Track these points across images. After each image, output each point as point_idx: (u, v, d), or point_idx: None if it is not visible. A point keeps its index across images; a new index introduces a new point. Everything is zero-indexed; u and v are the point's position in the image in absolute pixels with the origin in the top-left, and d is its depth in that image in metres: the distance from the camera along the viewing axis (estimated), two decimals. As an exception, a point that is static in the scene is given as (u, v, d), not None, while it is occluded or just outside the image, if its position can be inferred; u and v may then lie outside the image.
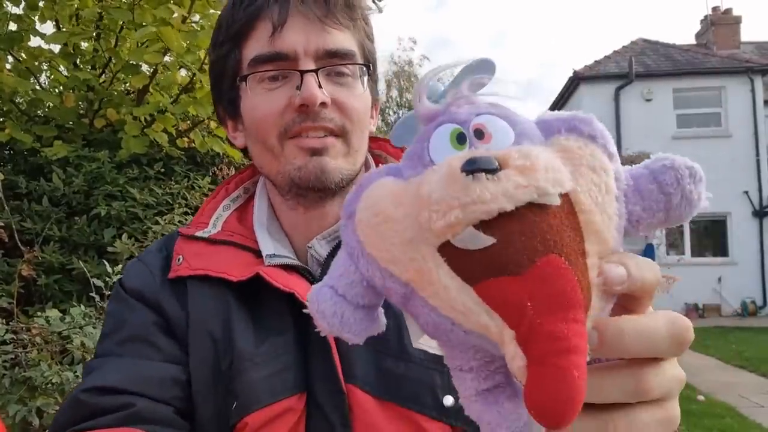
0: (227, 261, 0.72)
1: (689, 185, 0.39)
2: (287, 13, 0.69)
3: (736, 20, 16.55)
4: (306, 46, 0.69)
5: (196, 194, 3.23)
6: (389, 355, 0.66)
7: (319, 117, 0.68)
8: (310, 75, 0.68)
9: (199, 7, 2.80)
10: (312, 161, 0.69)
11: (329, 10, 0.70)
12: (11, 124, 3.00)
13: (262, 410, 0.65)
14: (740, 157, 13.72)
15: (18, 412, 2.12)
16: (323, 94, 0.68)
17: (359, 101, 0.72)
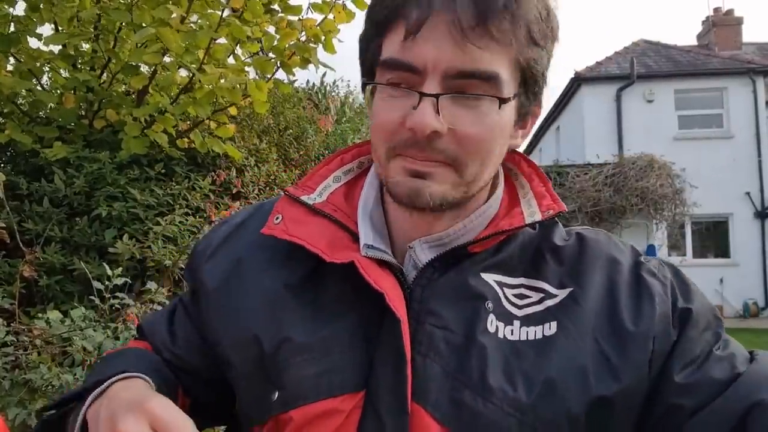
0: (324, 236, 0.68)
1: None
2: (424, 18, 0.59)
3: (737, 21, 16.55)
4: (436, 62, 0.59)
5: (196, 195, 3.23)
6: (468, 387, 0.61)
7: (429, 146, 0.61)
8: (428, 99, 0.59)
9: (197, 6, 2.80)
10: (409, 182, 0.63)
11: (478, 19, 0.58)
12: (11, 125, 3.00)
13: (306, 406, 0.62)
14: (742, 158, 13.70)
15: (18, 414, 2.12)
16: (438, 122, 0.59)
17: (486, 129, 0.62)
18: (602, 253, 0.69)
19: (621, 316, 0.64)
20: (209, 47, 2.86)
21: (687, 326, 0.64)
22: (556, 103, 16.64)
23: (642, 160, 7.98)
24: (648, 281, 0.67)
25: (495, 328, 0.63)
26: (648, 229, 7.92)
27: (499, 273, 0.67)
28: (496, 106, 0.61)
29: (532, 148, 20.81)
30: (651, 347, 0.62)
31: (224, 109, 3.26)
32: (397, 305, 0.61)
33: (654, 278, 0.67)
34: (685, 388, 0.62)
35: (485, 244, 0.67)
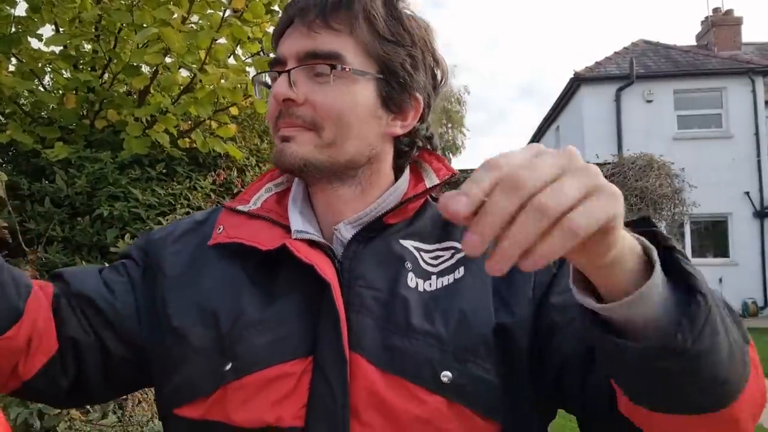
0: (260, 233, 0.80)
1: None
2: (287, 23, 0.80)
3: (736, 21, 16.56)
4: (290, 50, 0.78)
5: (198, 195, 3.23)
6: (395, 332, 0.71)
7: (289, 114, 0.77)
8: (283, 75, 0.77)
9: (198, 7, 2.81)
10: (279, 146, 0.79)
11: (319, 15, 0.76)
12: (13, 125, 3.00)
13: (258, 373, 0.70)
14: (741, 158, 13.72)
15: (20, 414, 2.12)
16: (290, 91, 0.76)
17: (337, 100, 0.76)
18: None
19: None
20: (210, 47, 2.86)
21: (564, 261, 0.72)
22: (555, 103, 16.65)
23: (641, 160, 7.97)
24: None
25: (415, 284, 0.75)
26: (647, 229, 7.92)
27: (417, 240, 0.80)
28: (346, 81, 0.76)
29: (532, 148, 20.81)
30: (533, 278, 0.74)
31: (225, 109, 3.27)
32: (326, 272, 0.72)
33: None
34: (558, 308, 0.72)
35: (398, 214, 0.80)
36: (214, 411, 0.71)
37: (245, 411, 0.70)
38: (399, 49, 0.79)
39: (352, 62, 0.77)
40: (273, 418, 0.69)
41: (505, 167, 0.42)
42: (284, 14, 0.81)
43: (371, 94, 0.79)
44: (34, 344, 0.73)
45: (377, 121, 0.80)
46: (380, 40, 0.78)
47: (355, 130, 0.78)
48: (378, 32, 0.78)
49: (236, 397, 0.70)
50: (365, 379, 0.69)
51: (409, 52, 0.80)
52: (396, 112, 0.82)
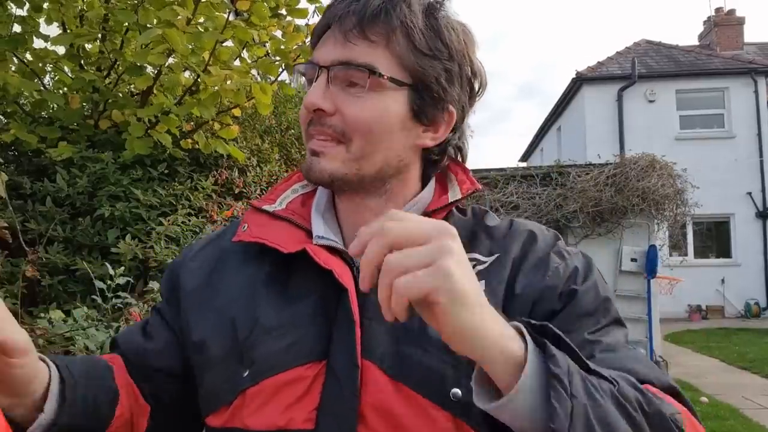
0: (283, 235, 0.81)
1: None
2: (323, 29, 0.80)
3: (739, 21, 16.53)
4: (326, 58, 0.77)
5: (199, 195, 3.23)
6: (410, 341, 0.72)
7: (320, 123, 0.78)
8: (316, 85, 0.77)
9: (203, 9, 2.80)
10: (308, 160, 0.80)
11: (357, 25, 0.75)
12: (16, 125, 3.00)
13: (274, 377, 0.72)
14: (743, 158, 13.70)
15: (21, 413, 2.12)
16: (322, 101, 0.76)
17: (368, 112, 0.76)
18: (525, 230, 0.83)
19: (516, 280, 0.76)
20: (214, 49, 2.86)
21: (569, 304, 0.75)
22: (557, 103, 16.63)
23: (643, 160, 7.94)
24: (552, 258, 0.79)
25: None
26: (649, 230, 7.90)
27: None
28: (378, 94, 0.76)
29: (534, 149, 20.80)
30: (530, 309, 0.74)
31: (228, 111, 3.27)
32: (343, 278, 0.74)
33: (560, 258, 0.79)
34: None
35: None
36: (234, 418, 0.74)
37: (260, 416, 0.72)
38: (435, 62, 0.78)
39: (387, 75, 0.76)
40: (284, 420, 0.70)
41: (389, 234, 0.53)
42: (322, 18, 0.81)
43: (402, 107, 0.78)
44: (135, 414, 0.81)
45: (407, 133, 0.80)
46: (416, 53, 0.77)
47: (384, 143, 0.78)
48: (414, 45, 0.77)
49: (253, 403, 0.72)
50: (375, 386, 0.70)
51: (445, 66, 0.79)
52: (427, 125, 0.81)
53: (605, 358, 0.70)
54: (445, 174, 0.89)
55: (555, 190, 7.93)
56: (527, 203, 7.91)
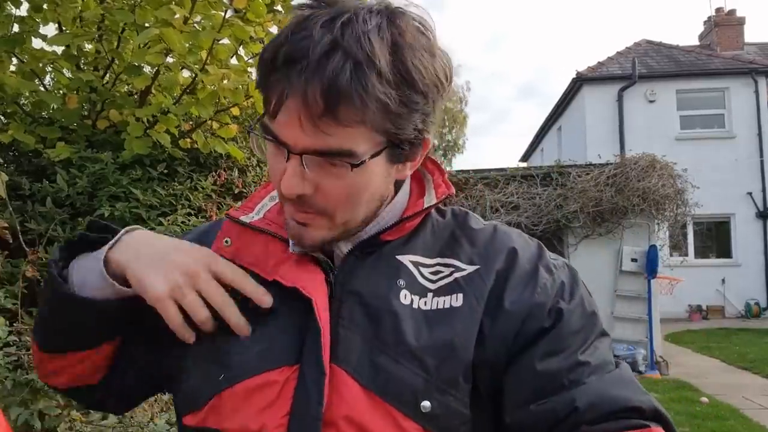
0: (260, 254, 0.81)
1: None
2: (280, 105, 0.68)
3: (739, 21, 16.52)
4: (295, 141, 0.68)
5: (199, 195, 3.23)
6: (383, 350, 0.72)
7: (300, 202, 0.73)
8: (291, 170, 0.70)
9: (200, 7, 2.80)
10: (294, 228, 0.77)
11: (326, 108, 0.65)
12: (14, 125, 3.00)
13: (247, 380, 0.73)
14: (744, 158, 13.69)
15: (20, 414, 2.12)
16: (301, 186, 0.71)
17: (347, 187, 0.72)
18: (510, 244, 0.81)
19: (504, 295, 0.75)
20: (212, 48, 2.86)
21: (558, 324, 0.74)
22: (557, 103, 16.63)
23: (643, 161, 7.94)
24: (540, 274, 0.78)
25: (410, 300, 0.75)
26: (650, 230, 7.89)
27: (416, 254, 0.79)
28: (360, 170, 0.70)
29: (534, 149, 20.80)
30: (519, 326, 0.74)
31: (226, 110, 3.26)
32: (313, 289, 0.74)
33: (548, 273, 0.78)
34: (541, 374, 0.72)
35: (395, 231, 0.79)
36: (210, 419, 0.75)
37: (234, 419, 0.72)
38: (413, 115, 0.71)
39: (365, 153, 0.70)
40: (257, 425, 0.71)
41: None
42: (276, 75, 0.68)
43: (382, 167, 0.74)
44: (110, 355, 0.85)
45: (387, 177, 0.77)
46: (393, 118, 0.69)
47: (365, 203, 0.76)
48: (389, 110, 0.68)
49: (228, 406, 0.73)
50: (347, 394, 0.71)
51: (422, 111, 0.72)
52: (405, 161, 0.78)
53: (592, 383, 0.71)
54: (422, 173, 0.87)
55: (555, 190, 7.93)
56: (527, 203, 7.91)
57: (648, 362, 7.48)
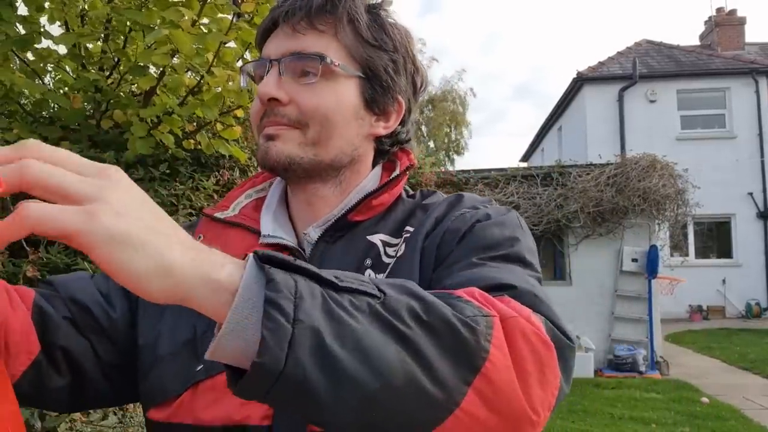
0: (234, 243, 0.81)
1: None
2: (272, 26, 0.82)
3: (740, 21, 16.52)
4: (276, 51, 0.80)
5: (200, 195, 3.23)
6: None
7: (273, 113, 0.79)
8: (269, 75, 0.79)
9: (207, 10, 2.80)
10: (263, 145, 0.80)
11: (304, 17, 0.78)
12: (18, 124, 3.00)
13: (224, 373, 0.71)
14: (745, 158, 13.69)
15: (23, 413, 2.12)
16: (276, 91, 0.78)
17: (322, 99, 0.78)
18: (456, 195, 0.85)
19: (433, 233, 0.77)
20: (219, 50, 2.86)
21: (467, 237, 0.74)
22: (558, 103, 16.63)
23: (644, 161, 7.93)
24: (465, 208, 0.80)
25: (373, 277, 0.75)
26: (650, 230, 7.89)
27: (385, 234, 0.81)
28: (330, 82, 0.79)
29: (534, 149, 20.80)
30: (435, 252, 0.74)
31: (231, 111, 3.27)
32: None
33: (473, 209, 0.79)
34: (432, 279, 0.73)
35: (364, 211, 0.82)
36: (180, 412, 0.72)
37: (214, 410, 0.70)
38: (381, 53, 0.82)
39: (335, 60, 0.79)
40: (241, 416, 0.69)
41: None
42: (268, 17, 0.83)
43: (355, 94, 0.81)
44: (12, 347, 0.70)
45: (360, 122, 0.83)
46: (363, 44, 0.81)
47: (339, 129, 0.80)
48: (361, 36, 0.81)
49: (205, 397, 0.71)
50: None
51: (391, 57, 0.83)
52: (379, 114, 0.84)
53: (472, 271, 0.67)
54: (393, 162, 0.91)
55: (556, 190, 7.93)
56: (528, 203, 7.91)
57: (648, 362, 7.48)
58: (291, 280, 0.47)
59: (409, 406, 0.49)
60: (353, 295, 0.49)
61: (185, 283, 0.45)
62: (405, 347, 0.48)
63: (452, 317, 0.51)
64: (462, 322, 0.51)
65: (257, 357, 0.43)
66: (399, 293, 0.51)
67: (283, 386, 0.45)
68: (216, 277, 0.46)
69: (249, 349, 0.45)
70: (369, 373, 0.46)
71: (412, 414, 0.49)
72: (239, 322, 0.45)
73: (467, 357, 0.50)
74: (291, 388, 0.45)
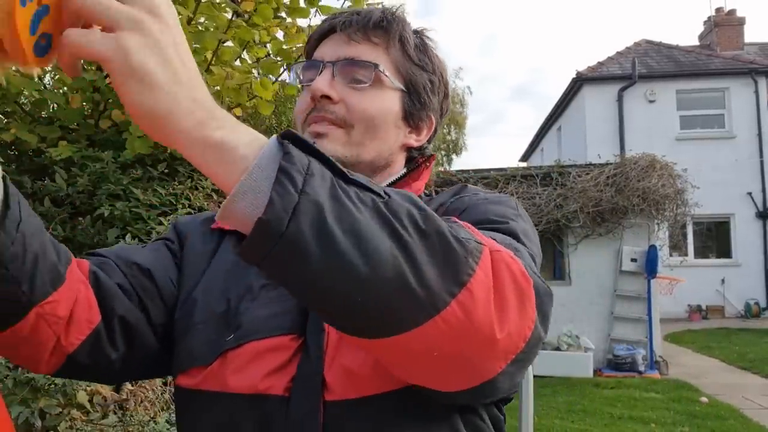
0: None
1: None
2: (328, 32, 0.90)
3: (739, 21, 16.52)
4: (331, 54, 0.87)
5: (199, 195, 3.23)
6: None
7: (323, 109, 0.85)
8: (324, 73, 0.85)
9: (204, 8, 2.80)
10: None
11: (360, 29, 0.87)
12: (16, 124, 3.00)
13: (257, 341, 0.74)
14: (744, 158, 13.69)
15: (21, 413, 2.12)
16: (328, 89, 0.84)
17: (370, 104, 0.86)
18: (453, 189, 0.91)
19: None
20: (217, 49, 2.86)
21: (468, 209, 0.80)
22: (557, 103, 16.63)
23: (643, 161, 7.93)
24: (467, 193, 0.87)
25: None
26: (650, 230, 7.89)
27: None
28: (378, 90, 0.86)
29: (534, 149, 20.80)
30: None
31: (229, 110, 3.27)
32: None
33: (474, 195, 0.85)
34: None
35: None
36: (209, 380, 0.75)
37: (240, 378, 0.73)
38: (423, 72, 0.91)
39: (387, 75, 0.87)
40: (264, 386, 0.72)
41: None
42: (326, 23, 0.90)
43: (397, 105, 0.89)
44: (75, 315, 0.72)
45: (397, 130, 0.91)
46: (409, 61, 0.89)
47: (380, 134, 0.88)
48: (408, 54, 0.89)
49: (233, 365, 0.74)
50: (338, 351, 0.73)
51: (429, 77, 0.92)
52: (413, 127, 0.93)
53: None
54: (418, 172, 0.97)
55: (555, 190, 7.93)
56: (527, 203, 7.91)
57: (648, 362, 7.48)
58: (306, 159, 0.51)
59: (393, 301, 0.52)
60: (360, 189, 0.53)
61: (179, 137, 0.49)
62: (399, 245, 0.52)
63: (447, 232, 0.55)
64: (455, 238, 0.55)
65: (263, 214, 0.47)
66: (402, 199, 0.55)
67: (282, 248, 0.48)
68: (218, 142, 0.50)
69: (256, 211, 0.48)
70: (360, 258, 0.49)
71: (394, 308, 0.53)
72: (251, 185, 0.49)
73: (455, 270, 0.54)
74: (288, 252, 0.48)
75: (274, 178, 0.48)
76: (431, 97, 0.93)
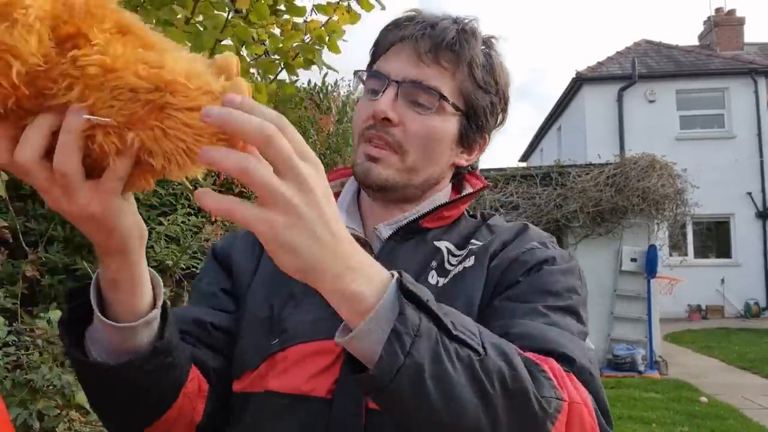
0: None
1: None
2: (397, 43, 0.87)
3: (739, 21, 16.53)
4: (397, 71, 0.85)
5: (199, 195, 3.23)
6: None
7: (382, 130, 0.84)
8: (387, 93, 0.84)
9: (202, 7, 2.80)
10: (365, 164, 0.86)
11: (432, 49, 0.83)
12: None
13: (302, 345, 0.78)
14: (744, 158, 13.70)
15: (19, 414, 2.12)
16: (390, 111, 0.83)
17: (428, 130, 0.85)
18: (523, 224, 0.93)
19: (499, 255, 0.85)
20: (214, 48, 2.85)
21: (533, 276, 0.81)
22: (557, 103, 16.63)
23: (643, 161, 7.93)
24: (534, 243, 0.86)
25: (436, 281, 0.84)
26: (649, 230, 7.89)
27: (450, 242, 0.89)
28: (439, 116, 0.85)
29: (534, 149, 20.80)
30: (499, 276, 0.82)
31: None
32: None
33: (543, 246, 0.86)
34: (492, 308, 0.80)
35: (435, 219, 0.89)
36: (255, 383, 0.80)
37: (284, 379, 0.78)
38: (486, 95, 0.89)
39: (450, 100, 0.86)
40: (308, 387, 0.76)
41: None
42: (394, 32, 0.88)
43: (454, 128, 0.88)
44: (198, 392, 0.79)
45: (450, 152, 0.91)
46: (474, 85, 0.87)
47: (434, 159, 0.88)
48: (474, 78, 0.87)
49: (278, 367, 0.79)
50: None
51: (491, 99, 0.90)
52: (466, 147, 0.93)
53: (535, 324, 0.74)
54: (460, 183, 1.00)
55: (555, 190, 7.93)
56: (527, 203, 7.91)
57: (647, 362, 7.48)
58: (417, 318, 0.57)
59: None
60: (461, 345, 0.59)
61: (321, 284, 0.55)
62: (483, 403, 0.58)
63: (531, 394, 0.60)
64: (537, 399, 0.61)
65: (373, 369, 0.56)
66: (497, 355, 0.61)
67: (385, 394, 0.57)
68: (351, 292, 0.55)
69: (367, 355, 0.57)
70: (447, 411, 0.57)
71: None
72: (368, 332, 0.56)
73: (531, 429, 0.61)
74: (388, 398, 0.58)
75: (386, 339, 0.55)
76: (489, 119, 0.92)
